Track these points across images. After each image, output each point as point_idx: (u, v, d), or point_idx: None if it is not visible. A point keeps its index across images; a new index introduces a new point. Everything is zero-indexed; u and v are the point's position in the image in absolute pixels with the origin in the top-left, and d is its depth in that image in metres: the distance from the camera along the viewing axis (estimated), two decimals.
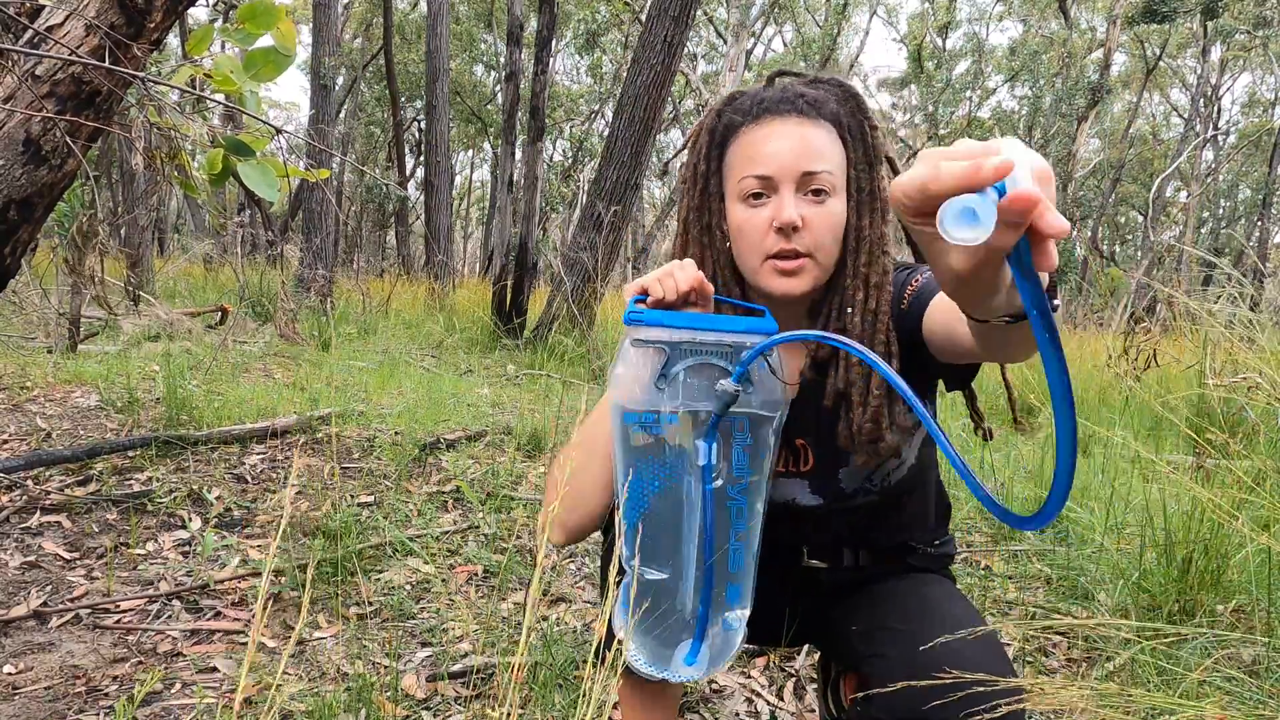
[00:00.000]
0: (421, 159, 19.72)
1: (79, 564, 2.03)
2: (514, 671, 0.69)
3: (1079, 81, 18.49)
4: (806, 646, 1.75)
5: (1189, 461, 2.50)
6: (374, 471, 2.78)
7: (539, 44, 7.24)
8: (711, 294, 0.94)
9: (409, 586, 2.03)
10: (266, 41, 1.91)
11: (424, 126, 16.05)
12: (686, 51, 10.89)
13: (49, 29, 1.70)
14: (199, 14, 19.05)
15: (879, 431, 0.97)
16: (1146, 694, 0.97)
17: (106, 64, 1.68)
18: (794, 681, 1.73)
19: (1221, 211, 29.60)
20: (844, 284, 0.99)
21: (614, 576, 0.81)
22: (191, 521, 2.28)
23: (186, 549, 2.16)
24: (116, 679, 1.57)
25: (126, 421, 3.01)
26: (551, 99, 17.74)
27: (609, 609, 0.86)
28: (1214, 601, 1.78)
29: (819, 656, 1.32)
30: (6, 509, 2.21)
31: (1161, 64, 23.33)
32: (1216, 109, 25.29)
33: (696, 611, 0.95)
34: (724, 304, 1.02)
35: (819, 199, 0.97)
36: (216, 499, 2.42)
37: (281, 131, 1.98)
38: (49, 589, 1.89)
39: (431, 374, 4.84)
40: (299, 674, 1.63)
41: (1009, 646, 1.85)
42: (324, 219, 9.03)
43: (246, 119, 2.00)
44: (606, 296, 6.64)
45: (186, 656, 1.66)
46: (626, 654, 0.92)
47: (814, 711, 1.62)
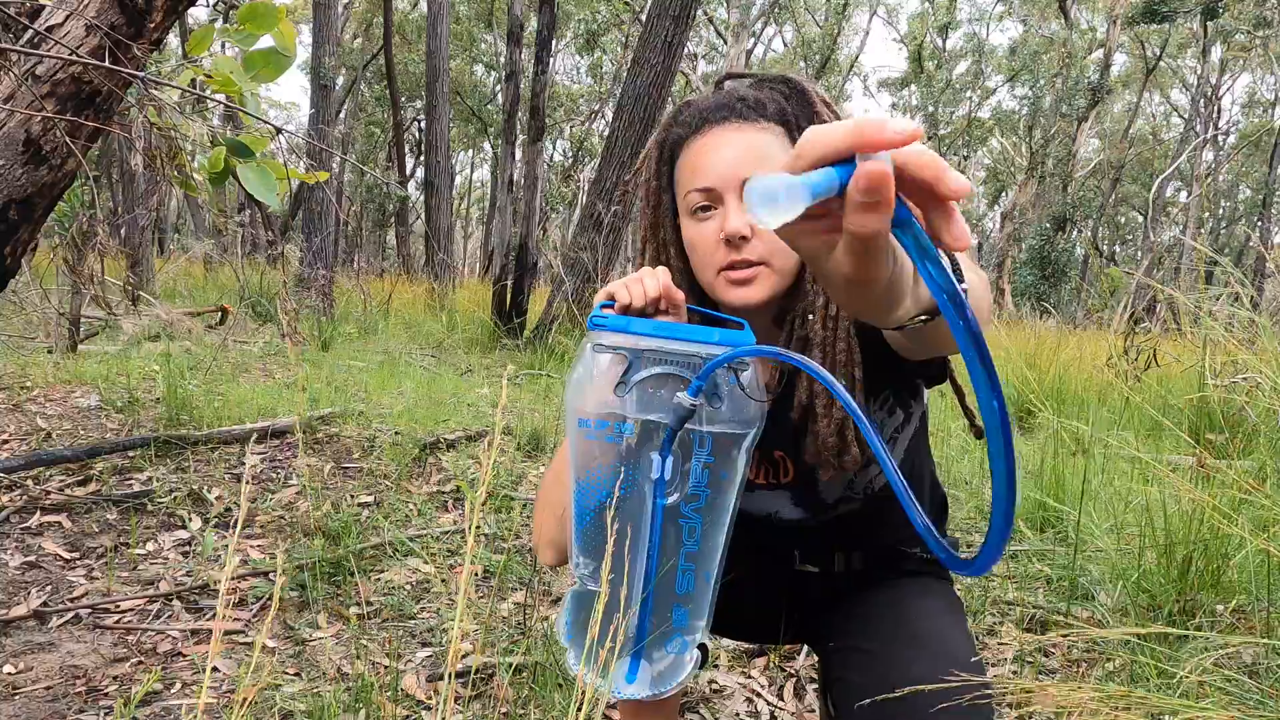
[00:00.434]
0: (421, 159, 19.72)
1: (79, 564, 2.03)
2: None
3: (1079, 81, 18.49)
4: (806, 646, 1.76)
5: (1189, 463, 2.50)
6: (374, 471, 2.78)
7: (539, 44, 7.25)
8: (683, 302, 0.90)
9: (409, 586, 2.03)
10: (266, 42, 1.92)
11: (424, 126, 16.05)
12: (686, 51, 10.89)
13: (49, 29, 1.70)
14: (199, 14, 19.04)
15: (844, 444, 0.94)
16: (1161, 698, 0.97)
17: (107, 64, 1.68)
18: (794, 681, 1.73)
19: (1222, 211, 29.61)
20: (805, 289, 0.95)
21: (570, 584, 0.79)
22: (191, 521, 2.28)
23: (186, 549, 2.16)
24: (116, 679, 1.57)
25: (126, 421, 3.01)
26: (551, 99, 17.74)
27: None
28: (1214, 602, 1.78)
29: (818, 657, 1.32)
30: (7, 509, 2.21)
31: (1161, 64, 23.35)
32: (1216, 109, 25.30)
33: (635, 629, 0.90)
34: (697, 314, 0.97)
35: None
36: (216, 499, 2.42)
37: (281, 131, 1.98)
38: (49, 589, 1.89)
39: (431, 374, 4.85)
40: (299, 674, 1.63)
41: (1008, 646, 1.85)
42: (324, 219, 9.02)
43: (247, 119, 2.00)
44: None
45: (186, 656, 1.66)
46: (567, 662, 0.90)
47: (814, 711, 1.62)
